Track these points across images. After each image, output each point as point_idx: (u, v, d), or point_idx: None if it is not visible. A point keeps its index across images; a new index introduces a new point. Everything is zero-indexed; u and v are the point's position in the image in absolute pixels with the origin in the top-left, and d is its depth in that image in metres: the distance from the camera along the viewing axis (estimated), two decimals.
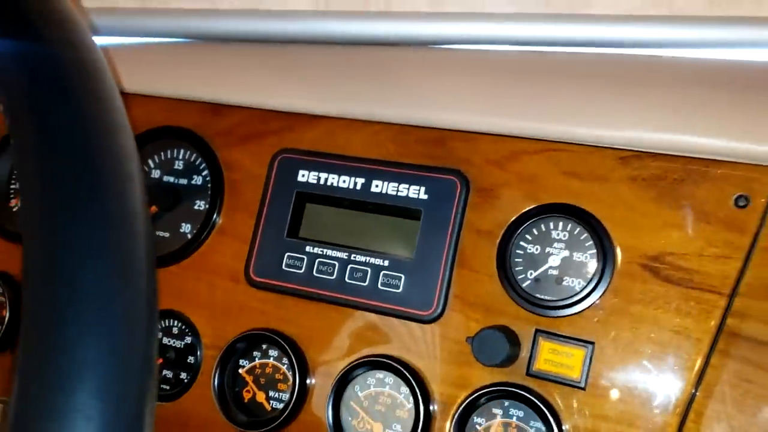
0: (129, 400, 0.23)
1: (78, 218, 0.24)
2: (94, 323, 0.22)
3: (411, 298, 0.49)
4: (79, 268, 0.23)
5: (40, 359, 0.22)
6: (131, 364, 0.23)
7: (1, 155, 0.65)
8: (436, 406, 0.48)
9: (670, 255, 0.44)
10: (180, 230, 0.58)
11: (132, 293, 0.24)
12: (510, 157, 0.48)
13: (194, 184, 0.59)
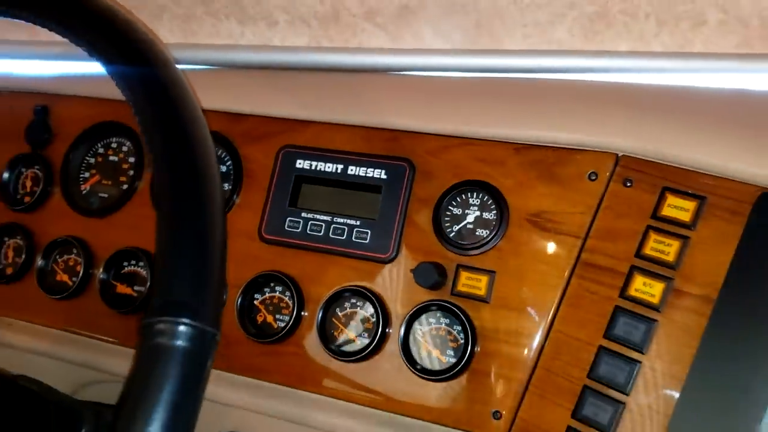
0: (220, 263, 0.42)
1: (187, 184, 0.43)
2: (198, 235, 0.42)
3: (375, 246, 0.70)
4: (186, 211, 0.42)
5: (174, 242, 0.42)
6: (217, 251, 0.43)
7: (77, 148, 0.86)
8: (391, 318, 0.69)
9: (546, 212, 0.66)
10: None
11: (215, 224, 0.44)
12: (441, 150, 0.70)
13: (221, 171, 0.80)
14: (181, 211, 0.41)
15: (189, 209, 0.41)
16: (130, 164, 0.84)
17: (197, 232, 0.41)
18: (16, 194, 0.88)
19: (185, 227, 0.41)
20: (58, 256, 0.83)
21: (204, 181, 0.43)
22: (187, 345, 0.38)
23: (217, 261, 0.41)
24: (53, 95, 0.88)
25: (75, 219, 0.84)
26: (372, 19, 0.75)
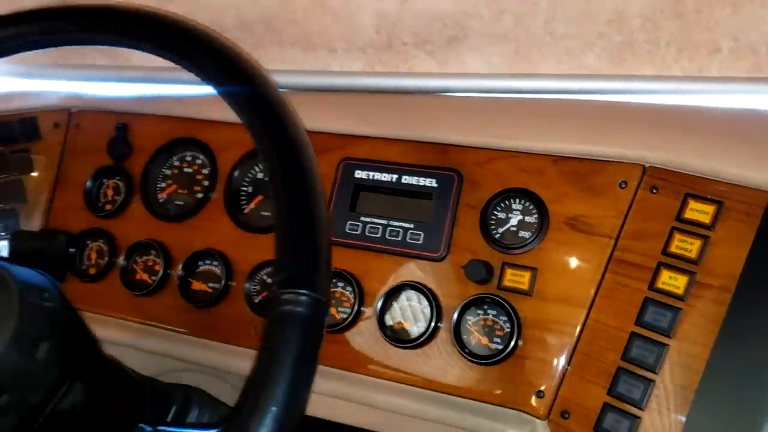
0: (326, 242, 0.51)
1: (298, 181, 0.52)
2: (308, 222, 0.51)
3: (428, 246, 0.80)
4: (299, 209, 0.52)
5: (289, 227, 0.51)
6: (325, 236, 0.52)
7: (155, 161, 0.96)
8: (443, 310, 0.78)
9: (582, 216, 0.75)
10: None
11: (322, 214, 0.53)
12: (487, 161, 0.79)
13: None
14: (296, 205, 0.51)
15: (301, 203, 0.51)
16: (203, 175, 0.93)
17: (309, 221, 0.50)
18: (98, 202, 0.98)
19: (300, 217, 0.50)
20: (138, 257, 0.93)
21: (311, 179, 0.52)
22: (307, 311, 0.47)
23: (325, 244, 0.50)
24: (132, 114, 0.98)
25: (154, 224, 0.93)
26: (422, 47, 0.85)
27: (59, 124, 1.01)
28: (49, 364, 0.58)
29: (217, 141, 0.93)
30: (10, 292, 0.58)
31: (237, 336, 0.86)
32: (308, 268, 0.49)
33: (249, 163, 0.91)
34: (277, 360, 0.46)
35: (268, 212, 0.89)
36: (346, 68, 0.90)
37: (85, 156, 1.00)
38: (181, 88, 0.99)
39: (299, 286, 0.48)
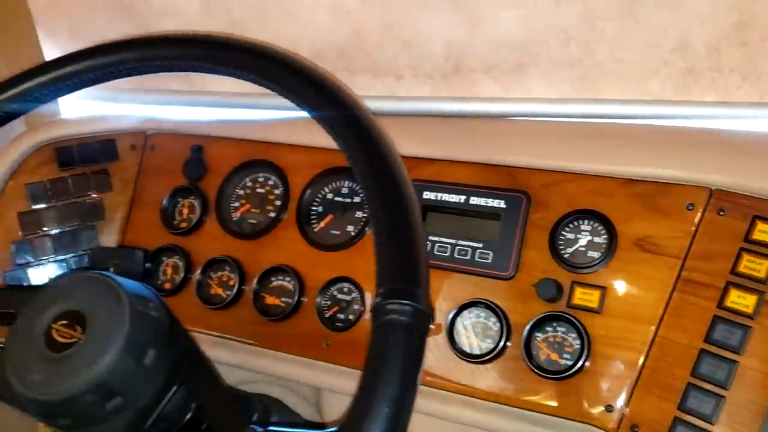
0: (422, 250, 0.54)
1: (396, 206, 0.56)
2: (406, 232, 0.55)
3: (496, 265, 0.83)
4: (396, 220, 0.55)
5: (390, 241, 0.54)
6: (423, 250, 0.55)
7: (229, 181, 1.01)
8: (512, 327, 0.81)
9: (650, 237, 0.77)
10: (346, 230, 0.93)
11: (419, 230, 0.56)
12: (555, 183, 0.82)
13: (355, 201, 0.94)
14: (395, 221, 0.54)
15: (400, 219, 0.54)
16: (275, 195, 0.98)
17: (409, 235, 0.54)
18: (173, 220, 1.02)
19: (400, 233, 0.54)
20: (212, 273, 0.97)
21: (408, 196, 0.56)
22: (412, 320, 0.50)
23: (424, 258, 0.53)
24: (206, 137, 1.03)
25: (228, 241, 0.98)
26: (489, 73, 0.89)
27: (135, 146, 1.06)
28: (156, 368, 0.62)
29: (288, 163, 0.97)
30: (121, 302, 0.62)
31: (308, 349, 0.90)
32: (411, 280, 0.52)
33: (319, 184, 0.95)
34: (387, 364, 0.49)
35: (338, 231, 0.93)
36: (412, 93, 0.94)
37: (160, 176, 1.05)
38: (253, 113, 1.04)
39: (403, 297, 0.51)
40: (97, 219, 1.03)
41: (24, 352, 0.61)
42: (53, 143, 1.02)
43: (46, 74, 0.70)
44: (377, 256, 0.54)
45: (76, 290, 0.63)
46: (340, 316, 0.90)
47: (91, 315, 0.61)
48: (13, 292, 0.74)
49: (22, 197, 1.00)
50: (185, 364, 0.63)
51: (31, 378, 0.60)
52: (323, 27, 0.91)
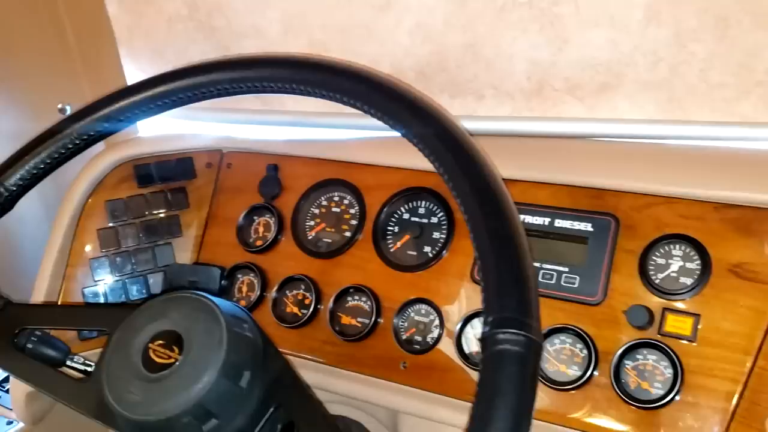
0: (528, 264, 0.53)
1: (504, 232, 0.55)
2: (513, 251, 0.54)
3: (583, 290, 0.81)
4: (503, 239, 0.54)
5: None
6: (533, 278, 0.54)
7: (305, 200, 1.01)
8: (600, 354, 0.78)
9: (746, 264, 0.74)
10: (423, 250, 0.92)
11: (526, 255, 0.55)
12: (644, 206, 0.80)
13: (432, 222, 0.93)
14: (504, 247, 0.53)
15: (509, 246, 0.53)
16: (350, 215, 0.98)
17: (518, 262, 0.52)
18: (249, 238, 1.03)
19: (510, 259, 0.52)
20: (287, 291, 0.98)
21: (515, 221, 0.55)
22: (524, 351, 0.49)
23: (534, 285, 0.52)
24: (282, 156, 1.04)
25: (303, 260, 0.98)
26: (573, 93, 0.87)
27: (211, 164, 1.08)
28: (252, 390, 0.62)
29: (364, 182, 0.97)
30: (218, 323, 0.62)
31: (385, 370, 0.89)
32: (522, 309, 0.51)
33: (395, 204, 0.95)
34: (501, 396, 0.48)
35: (415, 251, 0.92)
36: (492, 113, 0.93)
37: (235, 194, 1.06)
38: (328, 132, 1.04)
39: (515, 327, 0.50)
40: (173, 236, 1.05)
41: (122, 371, 0.62)
42: (132, 161, 1.04)
43: (157, 87, 0.71)
44: (485, 284, 0.52)
45: (173, 310, 0.64)
46: (417, 338, 0.89)
47: (188, 336, 0.62)
48: (106, 310, 0.75)
49: (101, 214, 1.02)
50: (281, 387, 0.63)
51: (130, 398, 0.60)
52: (404, 47, 0.91)
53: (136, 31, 1.03)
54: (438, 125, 0.60)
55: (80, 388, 0.67)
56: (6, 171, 0.75)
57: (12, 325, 0.70)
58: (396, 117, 0.62)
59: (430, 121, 0.61)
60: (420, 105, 0.62)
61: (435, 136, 0.60)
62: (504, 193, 0.56)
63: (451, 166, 0.58)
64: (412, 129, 0.61)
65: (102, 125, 0.75)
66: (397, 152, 0.96)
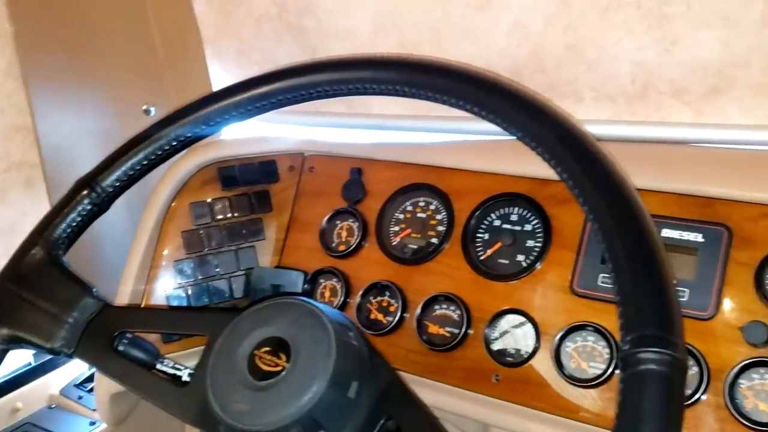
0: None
1: (639, 242, 0.52)
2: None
3: (693, 304, 0.76)
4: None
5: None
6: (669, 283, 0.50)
7: (389, 205, 0.99)
8: (711, 371, 0.74)
9: None
10: (516, 259, 0.89)
11: (666, 268, 0.51)
12: (761, 217, 0.76)
13: (526, 229, 0.90)
14: (641, 260, 0.50)
15: (647, 258, 0.50)
16: (437, 221, 0.95)
17: (659, 278, 0.49)
18: (332, 243, 1.01)
19: (650, 275, 0.49)
20: (372, 297, 0.95)
21: (652, 231, 0.51)
22: (670, 371, 0.46)
23: (676, 301, 0.49)
24: (366, 159, 1.02)
25: (388, 266, 0.96)
26: (679, 97, 0.83)
27: (294, 167, 1.07)
28: (360, 401, 0.60)
29: (452, 187, 0.95)
30: (326, 330, 0.60)
31: (476, 383, 0.86)
32: (665, 326, 0.47)
33: (486, 210, 0.92)
34: (647, 418, 0.44)
35: (507, 260, 0.89)
36: (592, 117, 0.90)
37: (318, 198, 1.04)
38: (413, 135, 1.02)
39: (658, 345, 0.46)
40: (256, 239, 1.04)
41: (227, 379, 0.61)
42: (216, 163, 1.04)
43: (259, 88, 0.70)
44: (622, 299, 0.49)
45: (278, 316, 0.62)
46: (510, 350, 0.85)
47: (295, 343, 0.60)
48: (205, 314, 0.74)
49: (185, 216, 1.02)
50: (390, 398, 0.61)
51: (237, 407, 0.59)
52: (500, 47, 0.88)
53: (223, 31, 1.03)
54: (563, 131, 0.57)
55: (179, 393, 0.66)
56: (103, 172, 0.75)
57: (111, 328, 0.69)
58: (514, 120, 0.59)
59: (557, 127, 0.58)
60: (546, 109, 0.59)
61: (560, 141, 0.57)
62: (639, 203, 0.53)
63: (577, 172, 0.55)
64: (533, 132, 0.58)
65: (200, 127, 0.74)
66: (487, 156, 0.94)
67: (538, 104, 0.59)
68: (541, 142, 0.58)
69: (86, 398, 1.12)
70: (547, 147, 0.58)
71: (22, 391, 1.12)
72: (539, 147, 0.58)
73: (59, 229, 0.73)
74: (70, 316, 0.69)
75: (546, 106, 0.59)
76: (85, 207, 0.74)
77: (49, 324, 0.68)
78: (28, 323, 0.68)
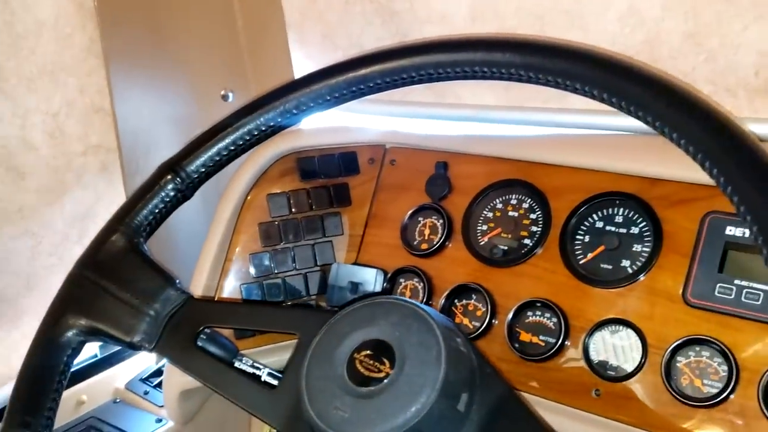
0: None
1: None
2: None
3: None
4: None
5: None
6: None
7: (477, 202, 0.93)
8: None
9: None
10: (620, 264, 0.82)
11: None
12: None
13: (632, 232, 0.82)
14: None
15: None
16: (531, 220, 0.88)
17: None
18: (413, 241, 0.96)
19: None
20: (456, 300, 0.90)
21: None
22: None
23: None
24: (453, 153, 0.96)
25: (474, 267, 0.89)
26: None
27: (374, 160, 1.01)
28: (470, 415, 0.54)
29: (549, 184, 0.88)
30: (434, 335, 0.55)
31: (574, 397, 0.79)
32: None
33: (587, 211, 0.85)
34: None
35: (610, 265, 0.82)
36: None
37: (399, 193, 0.99)
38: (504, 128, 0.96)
39: None
40: (334, 234, 0.99)
41: (324, 383, 0.55)
42: (295, 153, 0.99)
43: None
44: None
45: (381, 317, 0.57)
46: (613, 363, 0.78)
47: (400, 347, 0.55)
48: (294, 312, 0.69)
49: (263, 207, 0.98)
50: (504, 415, 0.55)
51: (336, 414, 0.53)
52: (611, 34, 0.81)
53: (307, 15, 0.98)
54: (719, 125, 0.50)
55: (267, 395, 0.61)
56: (188, 157, 0.70)
57: (195, 323, 0.65)
58: (664, 111, 0.52)
59: (711, 120, 0.51)
60: (699, 102, 0.52)
61: (713, 135, 0.50)
62: None
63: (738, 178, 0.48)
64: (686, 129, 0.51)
65: (291, 112, 0.69)
66: (589, 151, 0.87)
67: (690, 96, 0.52)
68: (691, 137, 0.51)
69: (152, 394, 1.08)
70: (699, 142, 0.50)
71: (88, 383, 1.10)
72: (689, 143, 0.51)
73: (141, 215, 0.69)
74: (151, 308, 0.64)
75: (699, 99, 0.52)
76: (169, 193, 0.69)
77: (129, 316, 0.64)
78: (108, 315, 0.64)
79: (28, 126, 0.86)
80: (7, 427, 0.60)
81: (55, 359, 0.63)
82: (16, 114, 0.84)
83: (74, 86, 0.89)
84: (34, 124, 0.86)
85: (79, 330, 0.64)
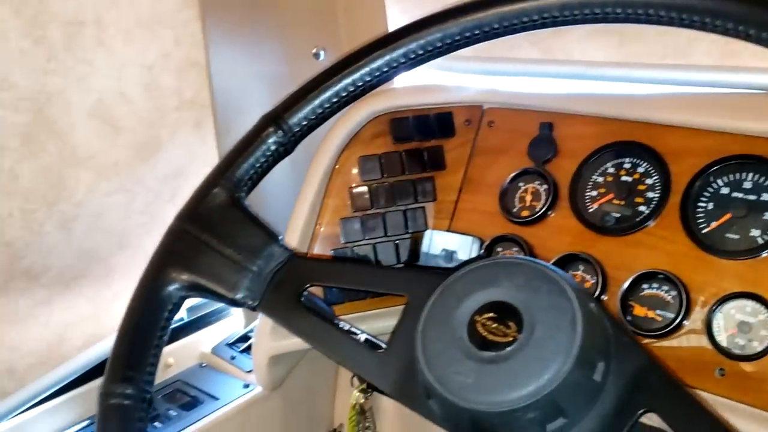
0: None
1: None
2: None
3: None
4: None
5: None
6: None
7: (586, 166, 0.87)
8: None
9: None
10: (750, 235, 0.75)
11: None
12: None
13: (763, 200, 0.75)
14: None
15: None
16: (647, 186, 0.82)
17: None
18: (513, 207, 0.90)
19: None
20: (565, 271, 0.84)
21: None
22: None
23: None
24: (557, 113, 0.90)
25: (582, 236, 0.83)
26: None
27: (470, 121, 0.96)
28: (606, 386, 0.49)
29: (668, 147, 0.81)
30: (567, 298, 0.50)
31: (694, 376, 0.73)
32: None
33: (711, 175, 0.77)
34: None
35: (737, 235, 0.75)
36: None
37: (497, 156, 0.93)
38: (618, 87, 0.89)
39: None
40: (427, 200, 0.94)
41: (443, 346, 0.51)
42: (388, 114, 0.95)
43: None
44: None
45: (504, 278, 0.52)
46: (740, 341, 0.71)
47: (528, 310, 0.50)
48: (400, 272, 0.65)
49: (354, 171, 0.94)
50: (647, 387, 0.49)
51: (458, 379, 0.49)
52: None
53: None
54: None
55: (376, 357, 0.57)
56: (290, 108, 0.66)
57: (299, 281, 0.61)
58: None
59: None
60: None
61: None
62: None
63: None
64: None
65: (398, 61, 0.64)
66: (714, 111, 0.79)
67: None
68: None
69: (239, 359, 1.07)
70: None
71: (175, 346, 1.09)
72: None
73: (242, 169, 0.66)
74: (254, 264, 0.61)
75: None
76: (270, 147, 0.66)
77: (232, 272, 0.61)
78: (210, 270, 0.62)
79: (124, 78, 0.85)
80: (109, 382, 0.58)
81: (157, 314, 0.61)
82: (112, 66, 0.82)
83: (170, 38, 0.86)
84: (130, 76, 0.85)
85: (180, 285, 0.62)
